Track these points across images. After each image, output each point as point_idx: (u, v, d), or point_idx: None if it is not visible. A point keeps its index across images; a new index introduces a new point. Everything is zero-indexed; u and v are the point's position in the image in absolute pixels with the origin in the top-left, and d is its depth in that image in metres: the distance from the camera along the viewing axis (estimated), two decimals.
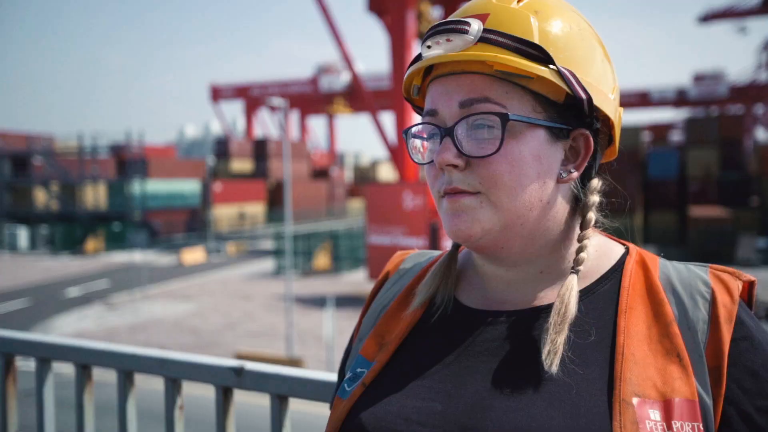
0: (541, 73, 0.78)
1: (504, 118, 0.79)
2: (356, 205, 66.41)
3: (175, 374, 1.45)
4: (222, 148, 59.39)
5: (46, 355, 1.65)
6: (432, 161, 0.84)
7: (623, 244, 0.92)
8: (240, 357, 15.31)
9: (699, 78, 61.72)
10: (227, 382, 1.39)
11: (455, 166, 0.81)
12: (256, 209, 55.92)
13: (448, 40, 0.81)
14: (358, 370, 0.90)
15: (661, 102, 59.74)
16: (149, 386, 1.50)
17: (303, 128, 74.82)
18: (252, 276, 31.49)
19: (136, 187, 44.11)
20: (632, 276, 0.84)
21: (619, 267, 0.87)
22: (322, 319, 19.35)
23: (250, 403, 1.40)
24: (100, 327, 20.64)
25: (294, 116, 74.25)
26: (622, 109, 0.91)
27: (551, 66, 0.79)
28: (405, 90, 0.92)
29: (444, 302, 0.91)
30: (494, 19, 0.81)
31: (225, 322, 21.28)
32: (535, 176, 0.81)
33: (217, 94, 67.23)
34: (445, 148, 0.81)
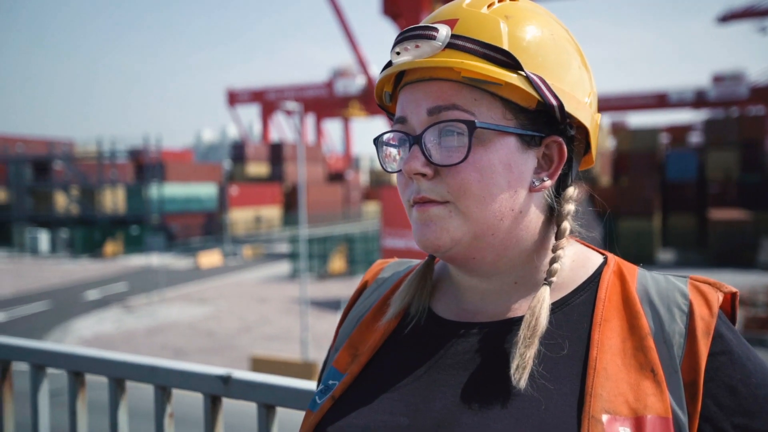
0: (509, 79, 0.76)
1: (471, 126, 0.77)
2: (372, 208, 66.49)
3: (164, 382, 1.45)
4: (238, 152, 59.73)
5: (41, 361, 1.65)
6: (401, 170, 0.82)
7: (602, 254, 0.89)
8: (255, 360, 15.35)
9: (718, 79, 60.93)
10: (215, 391, 1.38)
11: (423, 175, 0.79)
12: (273, 213, 56.17)
13: (416, 46, 0.79)
14: (330, 382, 0.88)
15: (680, 103, 59.11)
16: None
17: (319, 132, 75.08)
18: (268, 279, 31.61)
19: (154, 191, 44.49)
20: (609, 287, 0.82)
21: (596, 278, 0.84)
22: (337, 323, 19.33)
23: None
24: (118, 330, 20.82)
25: (310, 120, 74.55)
26: (599, 115, 0.88)
27: (520, 72, 0.77)
28: (377, 97, 0.91)
29: (418, 313, 0.89)
30: (463, 24, 0.79)
31: (241, 325, 21.37)
32: (506, 185, 0.79)
33: (234, 98, 67.68)
34: (413, 156, 0.79)
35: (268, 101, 66.14)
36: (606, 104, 60.33)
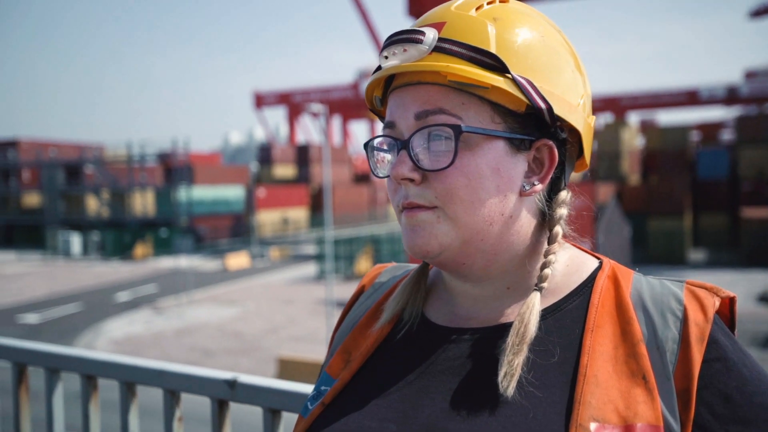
0: (495, 82, 0.75)
1: (457, 130, 0.76)
2: None
3: (172, 386, 1.46)
4: (265, 154, 60.24)
5: (55, 365, 1.68)
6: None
7: (598, 258, 0.87)
8: (281, 361, 15.45)
9: (751, 75, 59.73)
10: (221, 395, 1.39)
11: (411, 180, 0.79)
12: (299, 214, 56.51)
13: (404, 50, 0.78)
14: (322, 388, 0.88)
15: (711, 100, 58.08)
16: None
17: (345, 133, 75.34)
18: (295, 280, 31.80)
19: (183, 193, 45.08)
20: (602, 292, 0.80)
21: (589, 283, 0.82)
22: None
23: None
24: (148, 331, 21.13)
25: (336, 121, 74.88)
26: (594, 118, 0.87)
27: (507, 75, 0.76)
28: (368, 101, 0.90)
29: (411, 318, 0.89)
30: (450, 27, 0.78)
31: (268, 326, 21.53)
32: (495, 190, 0.78)
33: (261, 100, 68.26)
34: (401, 161, 0.79)
35: (294, 103, 66.58)
36: (635, 102, 59.59)
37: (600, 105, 60.66)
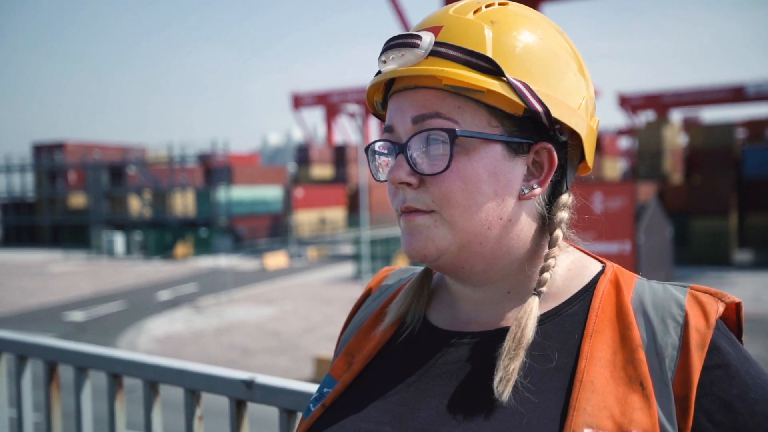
0: (490, 86, 0.75)
1: (451, 134, 0.76)
2: None
3: (192, 386, 1.49)
4: (303, 154, 60.67)
5: (83, 363, 1.73)
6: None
7: (602, 262, 0.86)
8: (319, 360, 15.57)
9: None
10: (239, 395, 1.41)
11: (409, 184, 0.79)
12: (337, 214, 56.80)
13: (401, 54, 0.79)
14: (324, 390, 0.89)
15: (758, 96, 56.36)
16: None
17: (382, 133, 75.40)
18: (332, 280, 31.98)
19: (222, 194, 45.73)
20: (603, 297, 0.79)
21: (591, 287, 0.82)
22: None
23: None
24: (188, 329, 21.49)
25: (373, 122, 74.97)
26: (597, 120, 0.86)
27: (503, 78, 0.76)
28: (369, 105, 0.91)
29: (413, 321, 0.89)
30: (447, 31, 0.78)
31: (305, 325, 21.70)
32: (492, 194, 0.77)
33: (298, 101, 68.78)
34: (398, 165, 0.79)
35: (331, 104, 66.92)
36: (678, 99, 58.25)
37: (641, 102, 59.51)
